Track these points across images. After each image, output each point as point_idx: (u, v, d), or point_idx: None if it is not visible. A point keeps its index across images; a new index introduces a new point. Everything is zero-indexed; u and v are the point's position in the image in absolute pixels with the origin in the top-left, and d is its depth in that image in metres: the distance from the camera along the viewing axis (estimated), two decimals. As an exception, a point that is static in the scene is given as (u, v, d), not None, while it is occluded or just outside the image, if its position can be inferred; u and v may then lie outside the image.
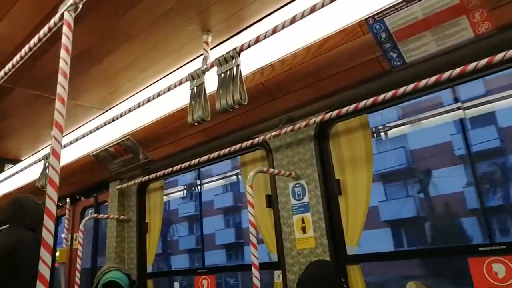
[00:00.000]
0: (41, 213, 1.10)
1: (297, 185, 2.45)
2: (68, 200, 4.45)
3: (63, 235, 4.49)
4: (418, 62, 1.90)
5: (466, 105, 3.00)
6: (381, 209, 18.66)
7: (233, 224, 26.07)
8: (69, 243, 4.41)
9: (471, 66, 1.70)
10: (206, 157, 2.87)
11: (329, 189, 2.37)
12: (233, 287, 22.34)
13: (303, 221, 2.39)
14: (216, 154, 2.80)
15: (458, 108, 3.02)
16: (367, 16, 1.81)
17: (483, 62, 1.67)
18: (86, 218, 3.38)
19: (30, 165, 3.69)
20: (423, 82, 1.84)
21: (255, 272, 2.01)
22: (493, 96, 2.92)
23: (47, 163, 3.42)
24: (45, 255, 1.05)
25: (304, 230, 2.37)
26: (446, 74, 1.77)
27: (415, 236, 17.46)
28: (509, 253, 1.74)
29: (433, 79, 1.81)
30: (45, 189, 1.10)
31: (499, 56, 1.63)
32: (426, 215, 17.62)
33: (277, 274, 2.56)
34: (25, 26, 2.06)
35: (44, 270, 1.04)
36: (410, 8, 1.72)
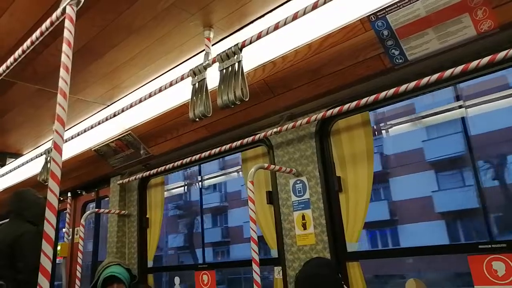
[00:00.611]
0: (42, 207, 1.11)
1: (298, 182, 2.46)
2: (69, 194, 4.47)
3: (64, 230, 4.51)
4: (420, 60, 1.90)
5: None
6: (435, 200, 17.45)
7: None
8: (70, 237, 4.43)
9: (473, 64, 1.70)
10: (207, 153, 2.88)
11: (330, 186, 2.37)
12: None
13: (303, 217, 2.40)
14: (217, 150, 2.81)
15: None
16: (370, 13, 1.81)
17: (486, 60, 1.66)
18: (87, 212, 3.40)
19: (32, 159, 3.71)
20: (425, 80, 1.84)
21: (255, 267, 2.02)
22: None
23: (48, 157, 3.43)
24: (47, 248, 1.05)
25: (304, 226, 2.38)
26: (448, 72, 1.77)
27: (474, 229, 16.36)
28: (509, 251, 1.74)
29: (435, 76, 1.81)
30: (46, 183, 1.10)
31: (502, 54, 1.62)
32: (487, 205, 16.14)
33: (277, 270, 2.57)
34: (27, 21, 2.05)
35: (46, 263, 1.04)
36: (413, 6, 1.71)
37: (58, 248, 4.34)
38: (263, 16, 2.15)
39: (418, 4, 1.70)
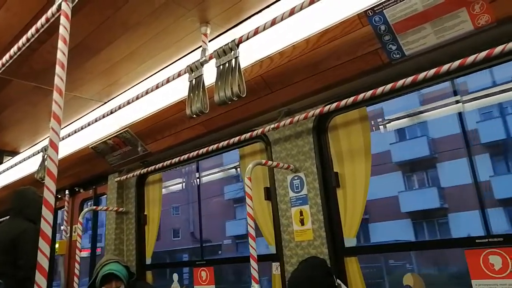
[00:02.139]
0: (41, 206, 1.11)
1: (296, 178, 2.46)
2: (67, 192, 4.46)
3: (62, 227, 4.50)
4: (418, 55, 1.90)
5: None
6: (494, 185, 16.42)
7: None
8: (68, 235, 4.42)
9: (471, 58, 1.70)
10: (204, 149, 2.87)
11: (328, 181, 2.37)
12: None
13: (301, 213, 2.40)
14: (215, 146, 2.80)
15: None
16: (367, 8, 1.80)
17: (483, 54, 1.66)
18: (85, 210, 3.39)
19: (29, 157, 3.69)
20: (422, 75, 1.84)
21: (253, 264, 2.03)
22: None
23: (45, 155, 3.42)
24: (43, 246, 1.05)
25: (302, 222, 2.38)
26: (445, 67, 1.77)
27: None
28: (506, 245, 1.75)
29: (432, 71, 1.81)
30: (43, 181, 1.10)
31: (499, 48, 1.62)
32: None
33: (276, 266, 2.58)
34: (22, 17, 2.04)
35: (43, 261, 1.04)
36: (410, 0, 1.71)
37: (56, 245, 4.33)
38: (260, 11, 2.14)
39: (415, -1, 1.70)
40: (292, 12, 1.77)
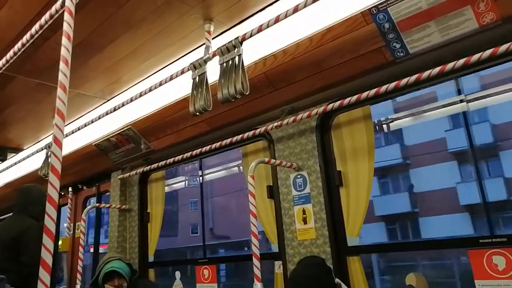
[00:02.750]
0: (45, 204, 1.11)
1: (299, 176, 2.46)
2: (70, 189, 4.48)
3: (65, 225, 4.52)
4: (422, 53, 1.88)
5: None
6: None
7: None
8: (72, 232, 4.44)
9: (475, 57, 1.69)
10: (207, 147, 2.87)
11: (331, 180, 2.37)
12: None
13: (304, 212, 2.39)
14: (217, 144, 2.80)
15: None
16: (371, 6, 1.80)
17: (487, 53, 1.65)
18: (88, 207, 3.40)
19: (33, 154, 3.71)
20: (426, 73, 1.83)
21: (256, 262, 2.02)
22: None
23: (49, 152, 3.43)
24: (47, 242, 1.05)
25: (305, 221, 2.38)
26: (450, 65, 1.76)
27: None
28: (510, 245, 1.74)
29: (436, 70, 1.79)
30: (47, 178, 1.10)
31: (504, 47, 1.61)
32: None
33: (278, 264, 2.58)
34: (26, 14, 2.04)
35: (47, 257, 1.04)
36: None
37: (60, 242, 4.35)
38: (263, 9, 2.13)
39: (420, -3, 1.69)
40: (296, 10, 1.76)
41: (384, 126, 3.11)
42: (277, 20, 1.84)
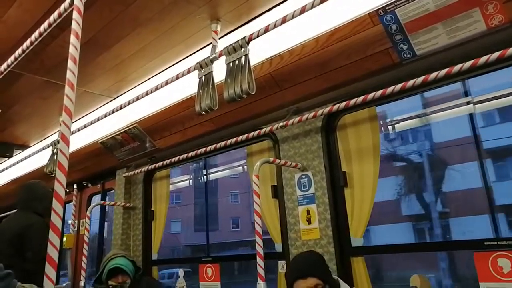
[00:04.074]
0: (51, 200, 1.12)
1: (303, 176, 2.46)
2: (75, 186, 4.50)
3: (70, 221, 4.55)
4: (429, 55, 1.88)
5: None
6: None
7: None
8: (76, 228, 4.47)
9: (483, 59, 1.68)
10: (213, 146, 2.88)
11: (335, 181, 2.37)
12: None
13: (308, 212, 2.39)
14: (223, 144, 2.81)
15: None
16: (378, 7, 1.79)
17: (495, 55, 1.64)
18: (93, 204, 3.42)
19: (39, 150, 3.73)
20: (433, 75, 1.82)
21: (260, 261, 2.03)
22: None
23: (55, 149, 3.45)
24: (54, 238, 1.06)
25: (309, 221, 2.38)
26: (457, 67, 1.75)
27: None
28: (515, 248, 1.74)
29: (443, 72, 1.79)
30: (53, 175, 1.11)
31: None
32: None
33: (281, 264, 2.58)
34: (34, 12, 2.06)
35: (53, 253, 1.05)
36: (422, 0, 1.69)
37: (64, 239, 4.38)
38: (270, 9, 2.14)
39: (427, -2, 1.68)
40: (303, 10, 1.76)
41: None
42: (284, 20, 1.84)
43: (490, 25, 1.66)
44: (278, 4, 2.10)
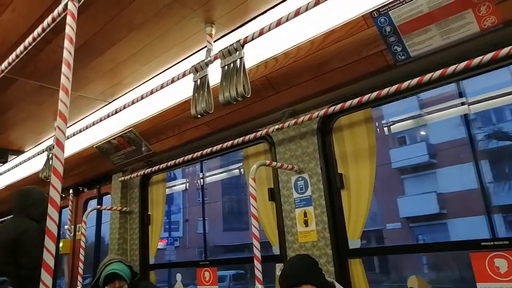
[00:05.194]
0: (47, 206, 1.11)
1: (300, 179, 2.46)
2: (71, 191, 4.48)
3: (66, 227, 4.52)
4: (423, 56, 1.89)
5: None
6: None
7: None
8: (72, 234, 4.44)
9: (476, 60, 1.69)
10: (209, 149, 2.87)
11: (332, 183, 2.37)
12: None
13: (305, 214, 2.39)
14: (219, 147, 2.81)
15: None
16: (372, 9, 1.80)
17: (488, 56, 1.66)
18: (89, 209, 3.40)
19: (34, 156, 3.71)
20: (427, 77, 1.83)
21: (257, 264, 2.02)
22: None
23: (50, 154, 3.44)
24: (49, 244, 1.05)
25: (306, 223, 2.38)
26: (451, 69, 1.76)
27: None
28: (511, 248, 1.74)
29: (437, 73, 1.80)
30: (48, 180, 1.11)
31: (505, 50, 1.61)
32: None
33: (279, 267, 2.57)
34: (28, 17, 2.05)
35: (49, 259, 1.04)
36: (416, 1, 1.70)
37: (60, 244, 4.35)
38: (265, 12, 2.14)
39: (421, 0, 1.69)
40: (297, 13, 1.77)
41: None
42: (278, 23, 1.85)
43: (483, 26, 1.67)
44: (273, 7, 2.10)
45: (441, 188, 17.40)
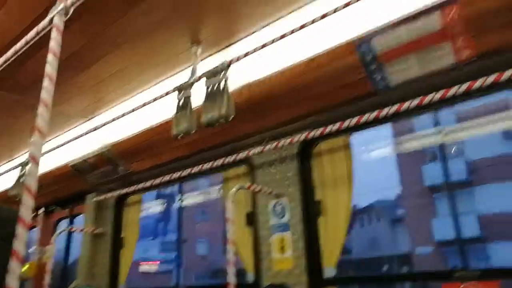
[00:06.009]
0: (14, 224, 1.06)
1: (278, 204, 2.44)
2: (42, 210, 4.30)
3: (30, 249, 4.28)
4: (402, 85, 1.94)
5: None
6: None
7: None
8: (39, 256, 4.22)
9: (452, 91, 1.75)
10: (187, 171, 2.84)
11: (310, 209, 2.36)
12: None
13: (282, 240, 2.37)
14: (198, 169, 2.77)
15: None
16: (355, 37, 1.85)
17: (464, 87, 1.72)
18: (59, 230, 3.27)
19: (6, 172, 3.57)
20: (405, 105, 1.88)
21: None
22: None
23: (23, 171, 3.32)
24: (16, 266, 1.00)
25: (282, 250, 2.35)
26: (428, 98, 1.81)
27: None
28: (483, 279, 1.76)
29: (415, 102, 1.85)
30: (18, 199, 1.06)
31: (479, 82, 1.68)
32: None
33: None
34: (12, 29, 2.02)
35: (14, 283, 0.98)
36: (397, 31, 1.76)
37: (24, 268, 4.12)
38: (251, 34, 2.17)
39: (402, 30, 1.75)
40: (282, 37, 1.80)
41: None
42: (263, 46, 1.87)
43: (460, 58, 1.74)
44: (259, 30, 2.14)
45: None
